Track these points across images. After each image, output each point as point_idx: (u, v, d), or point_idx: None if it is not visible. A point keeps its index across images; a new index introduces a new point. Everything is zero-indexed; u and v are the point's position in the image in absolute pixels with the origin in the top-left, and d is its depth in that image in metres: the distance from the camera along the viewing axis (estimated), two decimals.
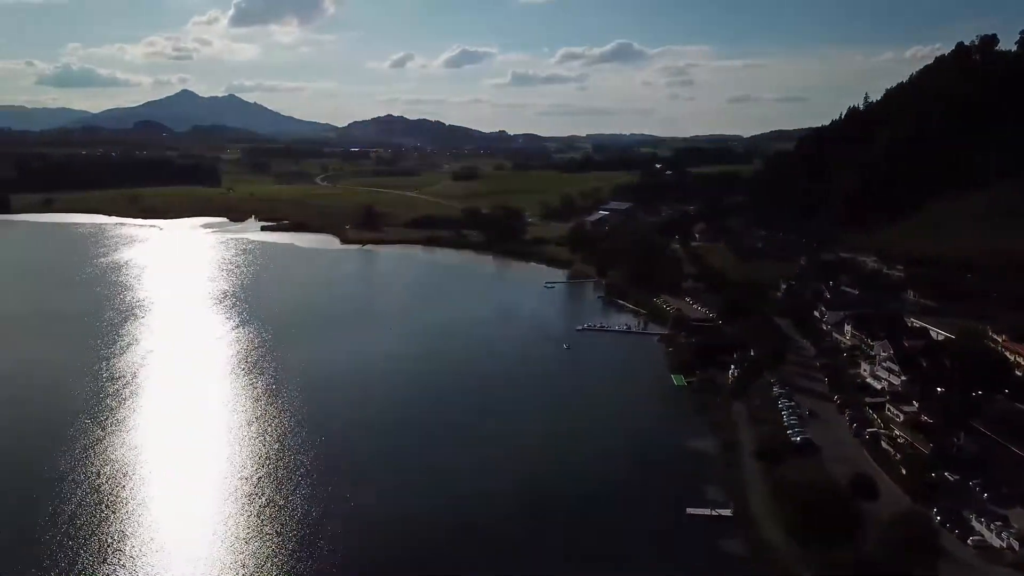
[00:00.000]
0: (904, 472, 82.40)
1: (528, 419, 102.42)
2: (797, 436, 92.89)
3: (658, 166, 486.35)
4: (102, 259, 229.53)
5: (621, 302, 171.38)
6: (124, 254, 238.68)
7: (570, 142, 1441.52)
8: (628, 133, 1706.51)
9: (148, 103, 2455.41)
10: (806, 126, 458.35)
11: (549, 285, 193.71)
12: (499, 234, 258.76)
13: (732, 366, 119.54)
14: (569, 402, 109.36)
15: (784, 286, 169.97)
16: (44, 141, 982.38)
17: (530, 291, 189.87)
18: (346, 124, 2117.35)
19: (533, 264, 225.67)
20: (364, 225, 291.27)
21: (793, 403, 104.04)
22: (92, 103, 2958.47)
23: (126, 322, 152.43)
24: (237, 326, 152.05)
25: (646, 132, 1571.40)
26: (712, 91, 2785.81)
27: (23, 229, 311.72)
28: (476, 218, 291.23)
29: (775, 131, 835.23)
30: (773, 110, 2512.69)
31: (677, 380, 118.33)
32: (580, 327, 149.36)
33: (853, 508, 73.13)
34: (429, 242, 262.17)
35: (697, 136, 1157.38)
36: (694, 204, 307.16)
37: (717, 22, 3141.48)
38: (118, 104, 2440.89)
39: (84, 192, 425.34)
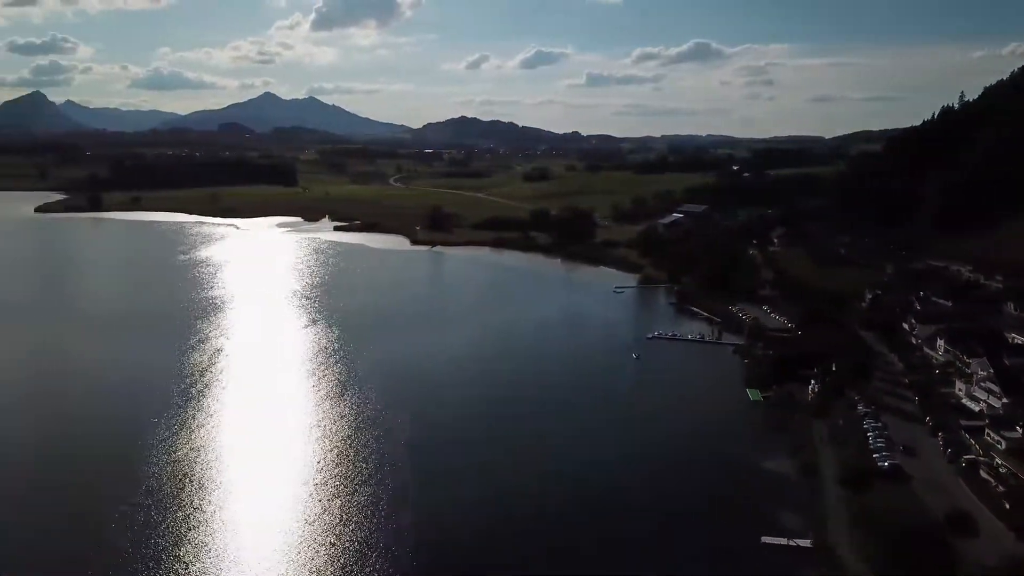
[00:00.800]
0: (1008, 507, 74.76)
1: (593, 431, 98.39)
2: (884, 461, 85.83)
3: (735, 168, 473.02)
4: (181, 257, 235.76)
5: (694, 309, 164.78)
6: (202, 252, 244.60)
7: (644, 143, 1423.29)
8: (704, 134, 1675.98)
9: (233, 105, 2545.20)
10: (895, 127, 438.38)
11: (618, 290, 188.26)
12: (568, 236, 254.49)
13: (812, 381, 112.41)
14: (637, 414, 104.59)
15: (869, 296, 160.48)
16: (136, 142, 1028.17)
17: (598, 296, 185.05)
18: (421, 126, 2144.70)
19: (602, 268, 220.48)
20: (433, 226, 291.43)
21: (879, 424, 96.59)
22: (181, 105, 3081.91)
23: (203, 319, 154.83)
24: (309, 324, 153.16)
25: (723, 133, 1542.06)
26: (793, 91, 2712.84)
27: (111, 226, 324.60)
28: (545, 220, 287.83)
29: (860, 132, 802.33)
30: (858, 110, 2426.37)
31: (753, 395, 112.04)
32: (650, 335, 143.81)
33: (949, 545, 66.56)
34: (497, 244, 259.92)
35: (776, 137, 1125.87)
36: (772, 207, 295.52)
37: (800, 20, 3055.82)
38: (205, 106, 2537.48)
39: (169, 191, 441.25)
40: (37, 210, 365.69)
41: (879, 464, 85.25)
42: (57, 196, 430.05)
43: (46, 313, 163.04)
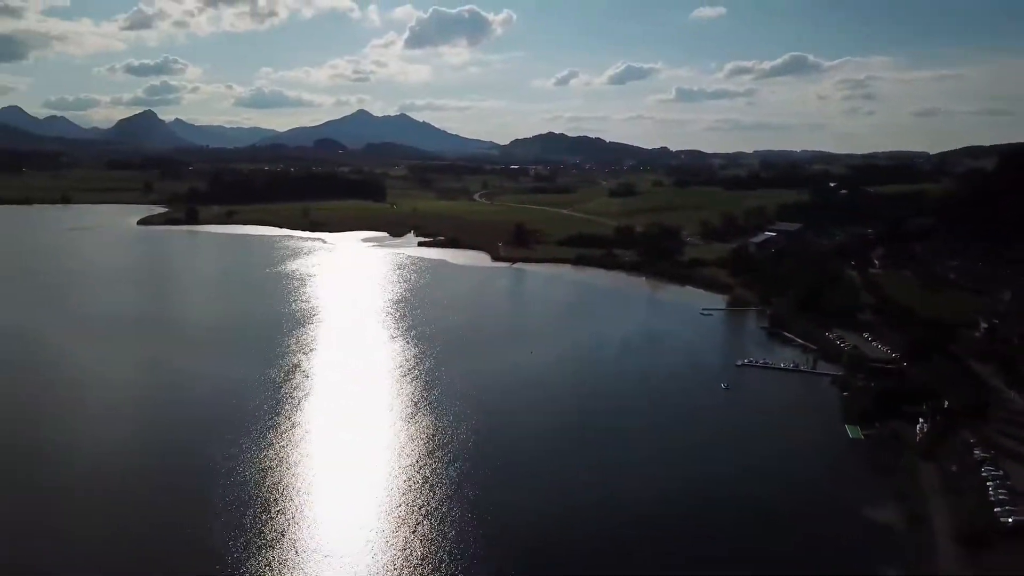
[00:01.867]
0: None
1: (676, 464, 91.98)
2: (1008, 516, 75.95)
3: (832, 184, 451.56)
4: (268, 270, 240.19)
5: (787, 335, 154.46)
6: (289, 266, 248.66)
7: (735, 158, 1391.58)
8: (799, 149, 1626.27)
9: (328, 122, 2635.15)
10: (1007, 141, 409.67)
11: (706, 312, 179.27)
12: (653, 254, 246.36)
13: (920, 419, 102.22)
14: (725, 449, 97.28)
15: (984, 324, 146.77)
16: (236, 158, 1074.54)
17: (684, 318, 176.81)
18: (509, 142, 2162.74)
19: (689, 288, 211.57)
20: (515, 242, 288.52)
21: (1000, 472, 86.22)
22: (280, 122, 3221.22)
23: (288, 332, 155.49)
24: (388, 340, 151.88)
25: (818, 148, 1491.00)
26: (895, 105, 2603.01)
27: (204, 239, 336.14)
28: (629, 236, 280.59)
29: (967, 147, 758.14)
30: (965, 124, 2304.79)
31: (853, 432, 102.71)
32: (740, 362, 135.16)
33: None
34: (579, 261, 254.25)
35: (875, 152, 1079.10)
36: (873, 226, 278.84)
37: (904, 32, 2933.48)
38: (302, 123, 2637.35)
39: (263, 204, 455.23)
40: (139, 222, 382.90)
41: (1002, 520, 75.50)
42: (159, 209, 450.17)
43: (140, 322, 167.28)
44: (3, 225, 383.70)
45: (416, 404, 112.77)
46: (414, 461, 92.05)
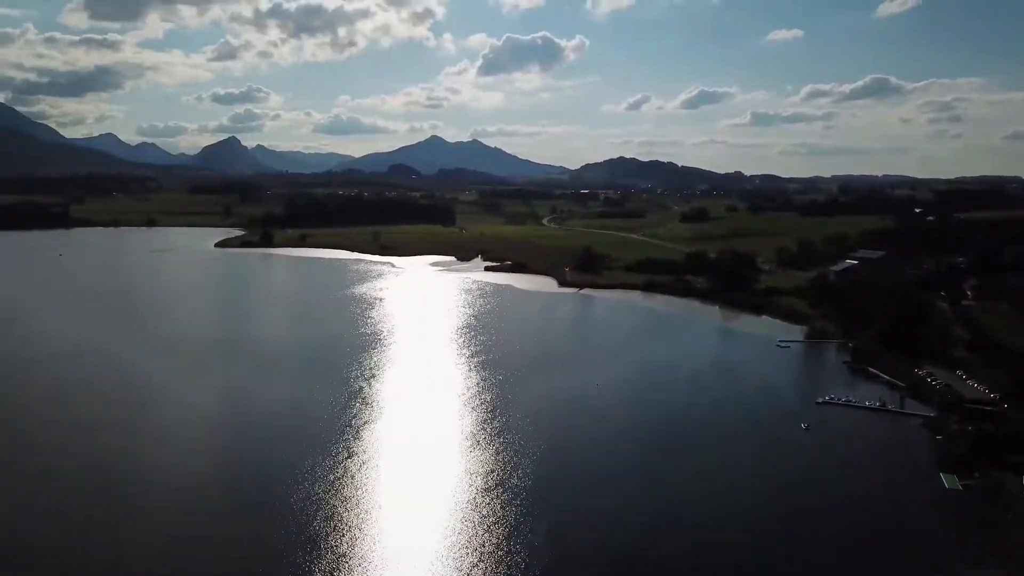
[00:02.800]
0: None
1: (750, 511, 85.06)
2: None
3: (917, 210, 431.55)
4: (336, 293, 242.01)
5: (871, 371, 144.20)
6: (357, 289, 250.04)
7: (812, 183, 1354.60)
8: (880, 174, 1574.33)
9: (402, 148, 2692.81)
10: None
11: (783, 344, 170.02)
12: (726, 281, 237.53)
13: None
14: (806, 497, 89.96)
15: None
16: (312, 182, 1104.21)
17: (760, 350, 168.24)
18: (579, 166, 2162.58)
19: (765, 318, 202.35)
20: (583, 268, 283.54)
21: None
22: (355, 148, 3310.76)
23: (356, 355, 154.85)
24: (454, 365, 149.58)
25: (901, 173, 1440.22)
26: (984, 127, 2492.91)
27: (277, 262, 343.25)
28: (702, 263, 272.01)
29: None
30: None
31: (948, 481, 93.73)
32: (820, 399, 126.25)
33: None
34: (649, 287, 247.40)
35: (963, 177, 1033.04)
36: (964, 255, 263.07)
37: (993, 52, 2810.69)
38: (377, 149, 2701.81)
39: (336, 228, 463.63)
40: (216, 245, 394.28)
41: None
42: (237, 232, 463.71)
43: (212, 342, 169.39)
44: (90, 246, 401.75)
45: (479, 435, 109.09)
46: (474, 496, 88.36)
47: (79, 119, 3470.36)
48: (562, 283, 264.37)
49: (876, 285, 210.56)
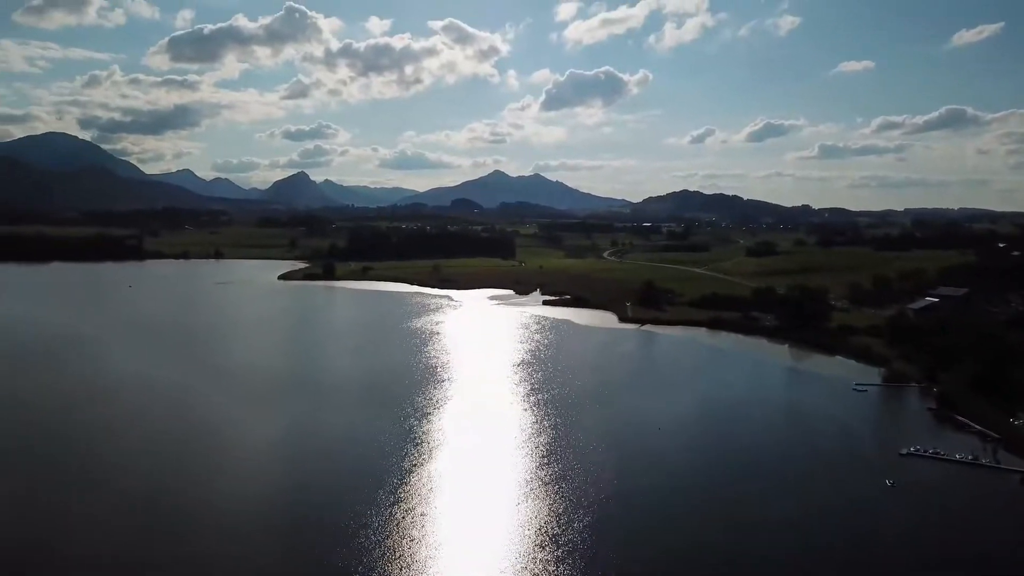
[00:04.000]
0: None
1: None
2: None
3: (1000, 245, 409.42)
4: (396, 326, 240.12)
5: (960, 419, 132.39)
6: (415, 322, 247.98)
7: (884, 216, 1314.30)
8: (956, 207, 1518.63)
9: (465, 182, 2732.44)
10: None
11: (859, 388, 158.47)
12: (796, 319, 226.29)
13: None
14: (895, 564, 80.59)
15: None
16: (376, 216, 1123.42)
17: (834, 393, 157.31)
18: (641, 200, 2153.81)
19: (838, 358, 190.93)
20: (644, 303, 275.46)
21: None
22: (421, 183, 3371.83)
23: (411, 391, 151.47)
24: (509, 403, 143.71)
25: (979, 206, 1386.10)
26: None
27: (338, 294, 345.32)
28: (770, 299, 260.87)
29: None
30: None
31: None
32: (905, 451, 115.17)
33: None
34: (714, 324, 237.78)
35: None
36: None
37: None
38: (441, 184, 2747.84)
39: (397, 261, 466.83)
40: (280, 277, 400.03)
41: None
42: (302, 264, 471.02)
43: (270, 374, 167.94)
44: (158, 278, 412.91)
45: (533, 482, 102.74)
46: (528, 551, 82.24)
47: (159, 156, 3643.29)
48: (623, 318, 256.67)
49: (960, 324, 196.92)
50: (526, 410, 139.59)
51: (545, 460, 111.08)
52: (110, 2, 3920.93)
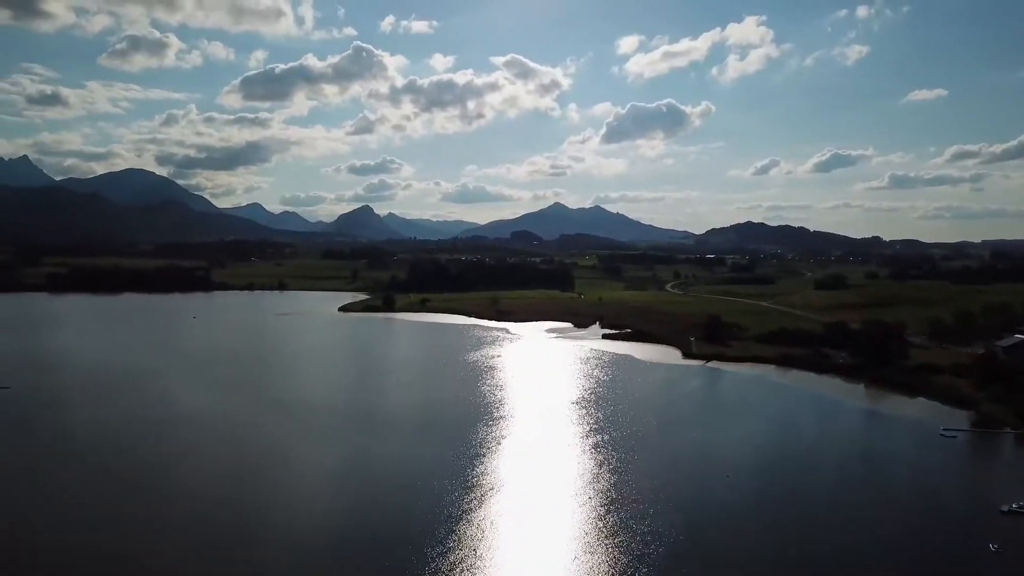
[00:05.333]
0: None
1: None
2: None
3: None
4: (452, 359, 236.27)
5: None
6: (472, 356, 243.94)
7: (960, 248, 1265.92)
8: None
9: (525, 215, 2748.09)
10: None
11: (947, 433, 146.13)
12: (872, 356, 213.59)
13: None
14: None
15: None
16: (437, 249, 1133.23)
17: (918, 439, 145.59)
18: (704, 231, 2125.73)
19: (920, 400, 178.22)
20: (710, 337, 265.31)
21: None
22: (481, 216, 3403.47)
23: (471, 426, 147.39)
24: (567, 444, 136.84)
25: None
26: None
27: (396, 326, 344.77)
28: (843, 335, 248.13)
29: None
30: None
31: None
32: (1006, 507, 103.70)
33: None
34: (783, 361, 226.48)
35: None
36: None
37: None
38: (501, 216, 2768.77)
39: (456, 293, 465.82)
40: (340, 309, 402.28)
41: None
42: (363, 296, 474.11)
43: (328, 406, 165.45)
44: (222, 309, 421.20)
45: (592, 531, 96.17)
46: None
47: (230, 190, 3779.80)
48: (686, 354, 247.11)
49: None
50: (585, 452, 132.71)
51: (605, 509, 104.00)
52: (188, 45, 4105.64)
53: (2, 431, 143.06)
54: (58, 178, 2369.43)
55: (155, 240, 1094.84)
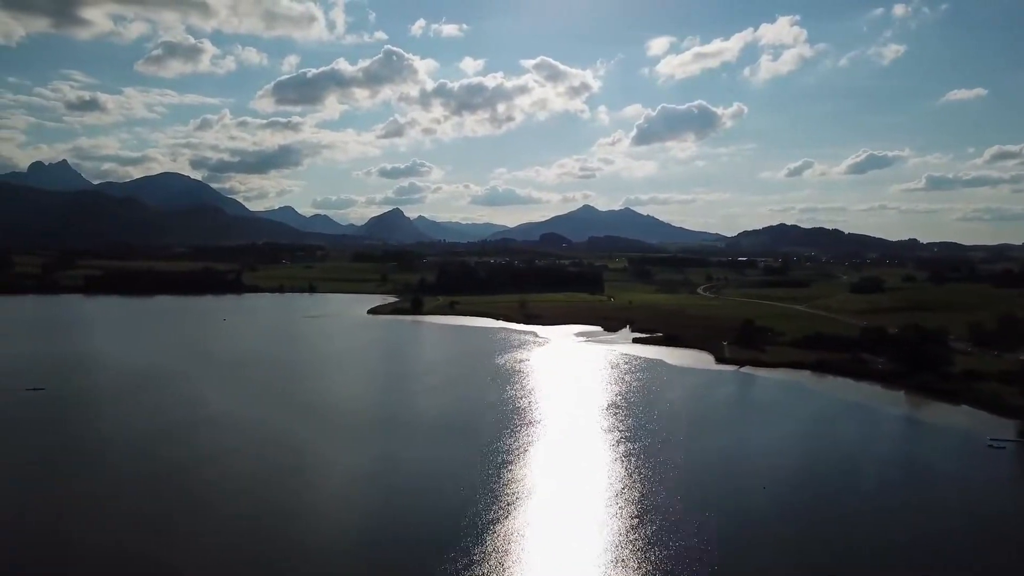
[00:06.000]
0: None
1: None
2: None
3: None
4: (480, 363, 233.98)
5: None
6: (499, 360, 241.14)
7: (1001, 251, 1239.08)
8: None
9: (554, 217, 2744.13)
10: None
11: (995, 444, 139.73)
12: (913, 362, 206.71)
13: None
14: None
15: None
16: (466, 251, 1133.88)
17: (965, 450, 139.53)
18: (735, 234, 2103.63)
19: (964, 407, 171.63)
20: (743, 342, 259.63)
21: None
22: (511, 218, 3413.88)
23: (499, 432, 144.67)
24: (598, 452, 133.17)
25: None
26: None
27: (423, 329, 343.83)
28: (881, 339, 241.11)
29: None
30: None
31: None
32: None
33: None
34: (819, 367, 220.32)
35: None
36: None
37: None
38: (530, 219, 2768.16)
39: (484, 296, 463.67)
40: (369, 312, 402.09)
41: None
42: (392, 298, 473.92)
43: (356, 409, 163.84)
44: (252, 311, 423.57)
45: (623, 545, 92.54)
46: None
47: (263, 194, 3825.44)
48: (719, 359, 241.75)
49: None
50: (616, 461, 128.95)
51: (637, 521, 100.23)
52: (222, 50, 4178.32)
53: (36, 432, 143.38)
54: (96, 182, 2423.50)
55: (189, 243, 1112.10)
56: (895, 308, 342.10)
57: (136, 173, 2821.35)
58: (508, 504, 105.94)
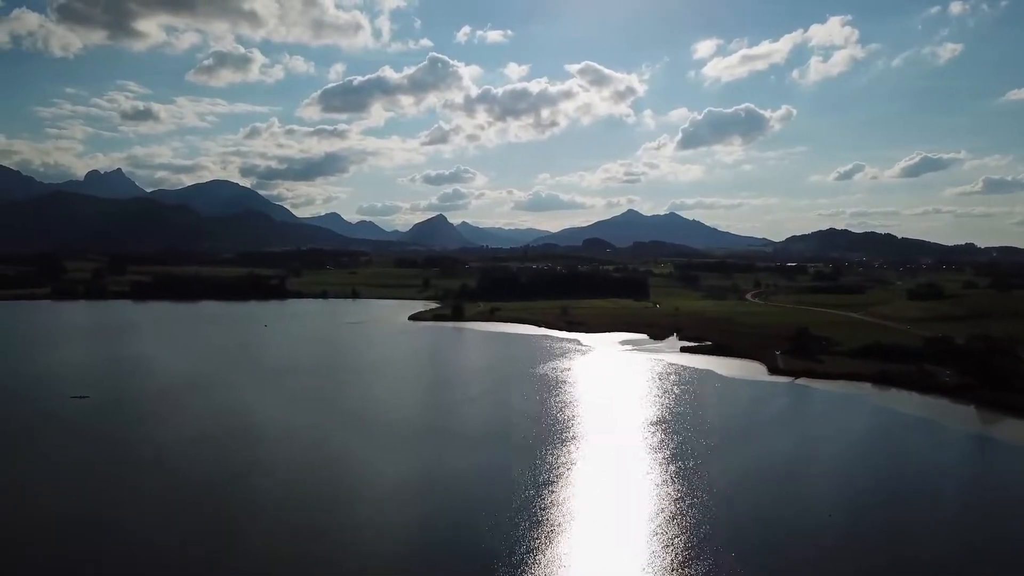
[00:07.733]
0: None
1: None
2: None
3: None
4: (520, 371, 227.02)
5: None
6: (540, 369, 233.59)
7: None
8: None
9: (598, 222, 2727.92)
10: None
11: None
12: (984, 375, 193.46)
13: None
14: None
15: None
16: (509, 256, 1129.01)
17: None
18: (784, 239, 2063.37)
19: None
20: (797, 352, 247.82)
21: None
22: (553, 223, 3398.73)
23: (544, 445, 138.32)
24: (645, 472, 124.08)
25: None
26: None
27: (464, 335, 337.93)
28: (947, 350, 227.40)
29: None
30: None
31: None
32: None
33: None
34: (880, 379, 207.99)
35: None
36: None
37: None
38: (574, 224, 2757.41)
39: (526, 301, 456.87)
40: (410, 318, 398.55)
41: None
42: (433, 304, 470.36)
43: (395, 418, 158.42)
44: (294, 316, 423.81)
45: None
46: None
47: (309, 200, 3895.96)
48: (772, 369, 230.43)
49: None
50: (665, 483, 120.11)
51: (692, 552, 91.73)
52: (271, 59, 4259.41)
53: (80, 441, 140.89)
54: (149, 190, 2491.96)
55: (238, 249, 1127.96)
56: (957, 316, 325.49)
57: (188, 181, 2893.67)
58: (550, 527, 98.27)
